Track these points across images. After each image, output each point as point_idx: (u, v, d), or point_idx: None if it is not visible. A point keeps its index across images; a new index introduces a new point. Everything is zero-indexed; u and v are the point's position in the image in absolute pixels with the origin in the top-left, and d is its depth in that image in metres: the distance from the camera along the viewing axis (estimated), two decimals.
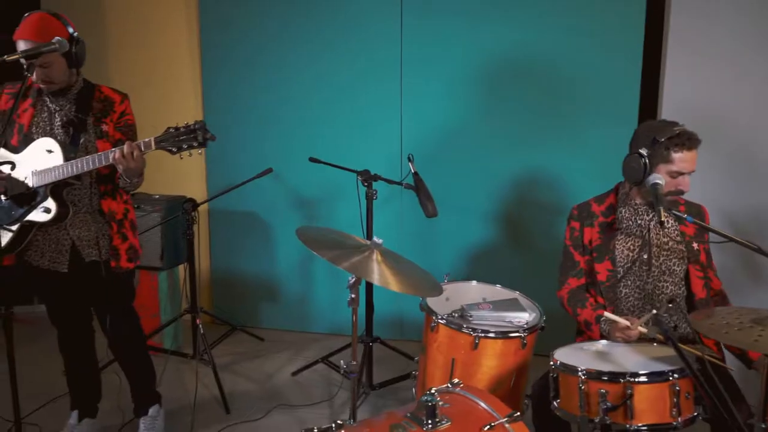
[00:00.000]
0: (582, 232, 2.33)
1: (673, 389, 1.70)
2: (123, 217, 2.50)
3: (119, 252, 2.46)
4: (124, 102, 2.48)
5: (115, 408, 2.87)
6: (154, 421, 2.69)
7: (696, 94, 3.07)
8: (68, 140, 2.35)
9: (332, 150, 3.55)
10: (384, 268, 2.13)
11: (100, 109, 2.42)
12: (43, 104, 2.40)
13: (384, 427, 1.71)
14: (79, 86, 2.43)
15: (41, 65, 2.26)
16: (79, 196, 2.41)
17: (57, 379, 3.10)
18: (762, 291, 2.91)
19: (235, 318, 3.98)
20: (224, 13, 3.80)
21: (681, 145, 2.08)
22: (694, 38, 3.05)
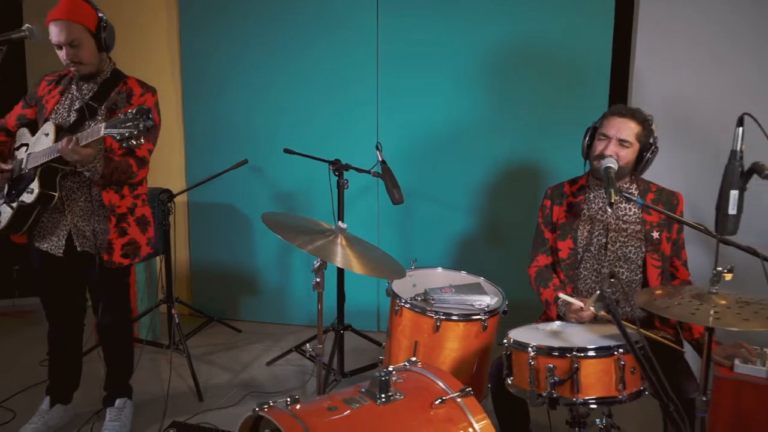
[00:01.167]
0: (552, 210, 2.41)
1: (619, 364, 1.75)
2: (127, 212, 2.49)
3: (113, 246, 2.46)
4: (144, 96, 2.47)
5: (90, 396, 2.90)
6: (120, 412, 2.71)
7: (665, 82, 3.12)
8: (69, 126, 2.38)
9: (310, 143, 3.61)
10: (348, 251, 2.18)
11: (117, 100, 2.43)
12: (69, 91, 2.45)
13: (338, 401, 1.75)
14: (107, 74, 2.47)
15: (71, 44, 2.32)
16: (78, 184, 2.43)
17: (35, 368, 3.14)
18: (730, 284, 2.97)
19: (213, 310, 4.01)
20: (203, 9, 3.85)
21: (614, 112, 2.24)
22: (664, 26, 3.10)
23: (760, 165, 1.57)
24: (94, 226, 2.45)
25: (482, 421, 1.76)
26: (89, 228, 2.45)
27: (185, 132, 4.02)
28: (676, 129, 3.00)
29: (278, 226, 2.22)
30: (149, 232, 2.61)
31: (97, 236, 2.45)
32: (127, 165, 2.39)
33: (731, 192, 1.56)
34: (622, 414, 2.68)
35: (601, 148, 2.23)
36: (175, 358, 3.36)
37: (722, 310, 1.64)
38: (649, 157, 2.24)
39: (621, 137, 2.20)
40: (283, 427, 1.61)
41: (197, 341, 3.72)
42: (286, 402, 1.72)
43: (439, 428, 1.71)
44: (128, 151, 2.40)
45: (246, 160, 3.46)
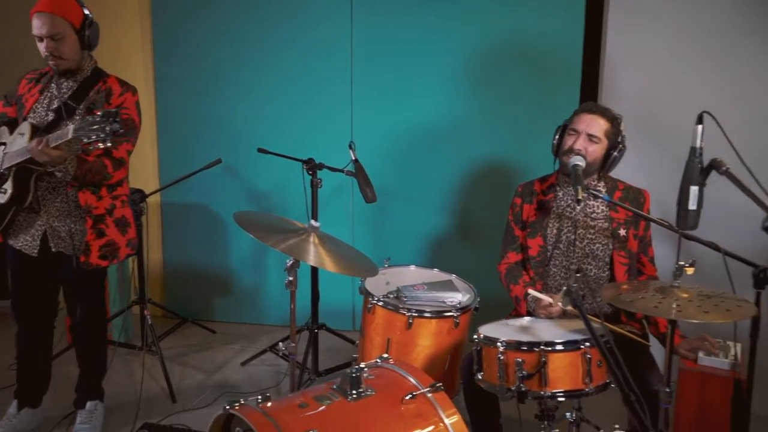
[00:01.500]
0: (522, 208, 2.44)
1: (585, 357, 1.79)
2: (105, 213, 2.46)
3: (90, 247, 2.43)
4: (124, 95, 2.44)
5: (60, 399, 2.86)
6: (91, 415, 2.67)
7: (634, 82, 3.17)
8: (45, 125, 2.35)
9: (285, 143, 3.60)
10: (320, 250, 2.19)
11: (96, 99, 2.40)
12: (49, 89, 2.41)
13: (309, 398, 1.76)
14: (87, 72, 2.44)
15: (52, 37, 2.29)
16: (53, 185, 2.40)
17: (3, 371, 3.08)
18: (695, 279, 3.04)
19: (188, 311, 3.99)
20: (176, 6, 3.82)
21: (584, 109, 2.30)
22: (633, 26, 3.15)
23: (718, 161, 1.61)
24: (70, 226, 2.43)
25: (453, 417, 1.78)
26: (65, 228, 2.43)
27: (158, 131, 3.98)
28: (645, 127, 3.05)
29: (250, 225, 2.22)
30: (129, 233, 2.59)
31: (74, 237, 2.43)
32: (102, 166, 2.37)
33: (691, 188, 1.60)
34: (592, 408, 2.72)
35: (570, 143, 2.27)
36: (148, 360, 3.33)
37: (684, 303, 1.69)
38: (617, 156, 2.29)
39: (590, 132, 2.25)
40: (254, 425, 1.61)
41: (171, 342, 3.69)
42: (257, 400, 1.72)
43: (410, 423, 1.73)
44: (105, 151, 2.37)
45: (219, 160, 3.45)
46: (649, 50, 3.12)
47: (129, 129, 2.44)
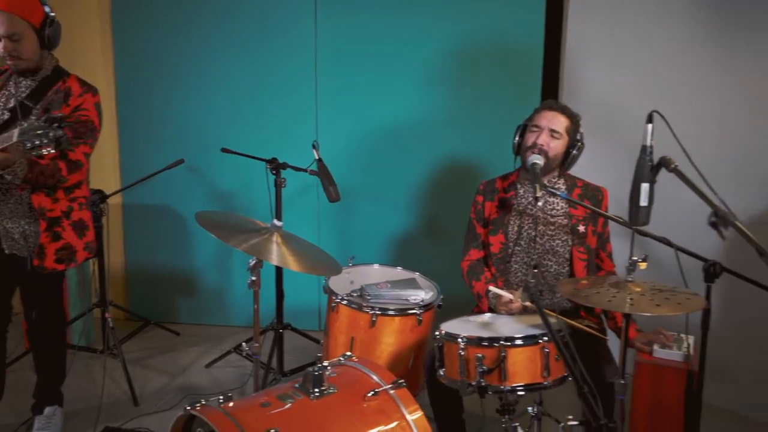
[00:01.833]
0: (484, 206, 2.47)
1: (543, 352, 1.82)
2: (61, 216, 2.41)
3: (45, 251, 2.38)
4: (83, 96, 2.38)
5: (17, 406, 2.79)
6: (49, 420, 2.61)
7: (593, 81, 3.25)
8: (0, 125, 2.28)
9: (248, 142, 3.57)
10: (283, 249, 2.19)
11: (54, 99, 2.34)
12: (7, 87, 2.34)
13: (272, 398, 1.76)
14: (47, 71, 2.37)
15: (10, 37, 2.22)
16: (8, 185, 2.33)
17: None
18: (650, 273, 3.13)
19: (151, 313, 3.93)
20: (136, 6, 3.76)
21: (545, 106, 2.36)
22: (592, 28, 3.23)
23: (667, 159, 1.67)
24: (24, 228, 2.37)
25: (415, 413, 1.80)
26: (18, 230, 2.37)
27: (119, 131, 3.92)
28: (604, 125, 3.12)
29: (213, 225, 2.21)
30: (87, 236, 2.54)
31: (28, 239, 2.37)
32: (55, 169, 2.32)
33: (642, 185, 1.65)
34: (554, 402, 2.78)
35: (533, 139, 2.31)
36: (110, 363, 3.27)
37: (637, 297, 1.74)
38: (575, 154, 2.34)
39: (552, 127, 2.30)
40: (215, 425, 1.61)
41: (133, 345, 3.63)
42: (219, 400, 1.71)
43: (371, 420, 1.74)
44: (61, 153, 2.32)
45: (182, 160, 3.41)
46: (608, 50, 3.19)
47: (87, 131, 2.39)
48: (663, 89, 3.04)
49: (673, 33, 3.02)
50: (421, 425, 1.79)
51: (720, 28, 2.88)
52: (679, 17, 3.00)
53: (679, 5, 3.00)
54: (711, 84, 2.94)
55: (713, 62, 2.93)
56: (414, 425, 1.78)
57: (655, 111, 1.67)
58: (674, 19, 3.01)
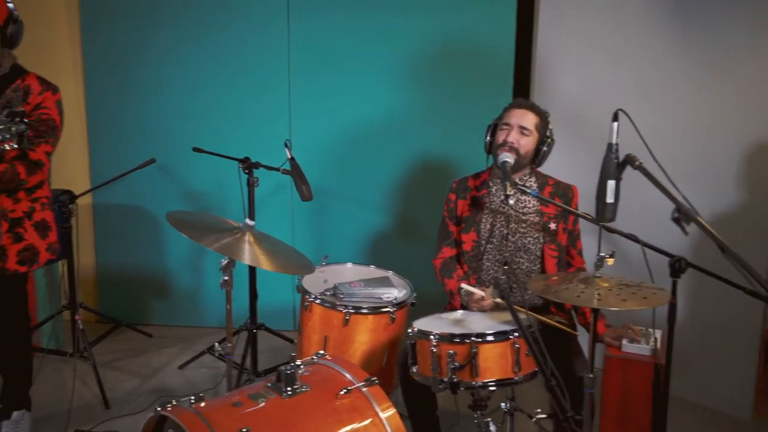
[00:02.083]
0: (456, 204, 2.49)
1: (514, 347, 1.85)
2: (23, 216, 2.36)
3: (7, 252, 2.33)
4: (43, 94, 2.34)
5: None
6: (17, 425, 2.57)
7: (563, 80, 3.29)
8: None
9: (221, 141, 3.54)
10: (256, 248, 2.18)
11: (13, 98, 2.29)
12: None
13: (244, 397, 1.75)
14: (6, 69, 2.31)
15: None
16: None
17: None
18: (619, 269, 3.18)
19: (123, 315, 3.88)
20: (105, 4, 3.71)
21: (514, 104, 2.39)
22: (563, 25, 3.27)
23: (632, 156, 1.70)
24: None
25: (388, 410, 1.81)
26: None
27: (88, 130, 3.86)
28: (575, 124, 3.17)
29: (184, 224, 2.19)
30: (50, 237, 2.49)
31: None
32: (14, 174, 2.27)
33: (609, 182, 1.68)
34: (526, 398, 2.81)
35: (504, 136, 2.34)
36: (80, 366, 3.22)
37: (604, 292, 1.77)
38: (546, 150, 2.37)
39: (522, 125, 2.32)
40: (186, 426, 1.60)
41: (104, 348, 3.58)
42: (190, 401, 1.70)
43: (344, 418, 1.74)
44: (21, 153, 2.27)
45: (153, 159, 3.36)
46: (577, 49, 3.24)
47: (48, 129, 2.35)
48: (632, 86, 3.09)
49: (640, 30, 3.07)
50: (394, 422, 1.79)
51: (685, 25, 2.94)
52: (646, 15, 3.05)
53: (645, 3, 3.05)
54: (671, 84, 3.00)
55: (673, 63, 2.98)
56: (387, 423, 1.78)
57: (620, 109, 1.70)
58: (641, 17, 3.06)
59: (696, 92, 2.95)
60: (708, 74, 2.90)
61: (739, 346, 2.92)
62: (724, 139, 2.90)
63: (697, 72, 2.93)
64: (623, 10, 3.11)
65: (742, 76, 2.81)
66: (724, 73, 2.86)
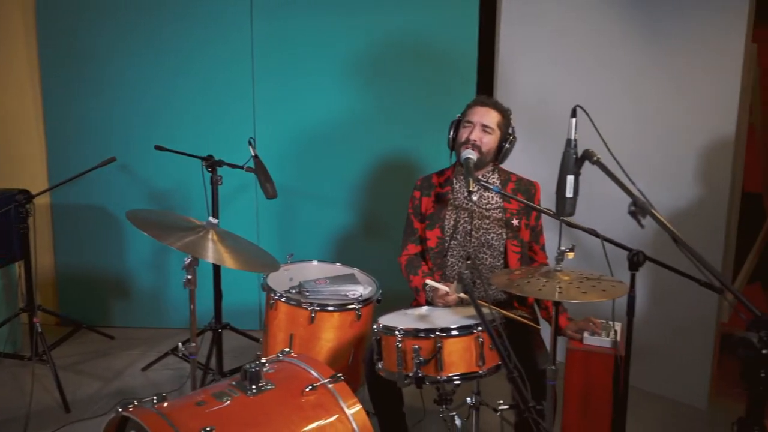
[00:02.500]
0: (421, 201, 2.50)
1: (478, 341, 1.87)
2: None
3: None
4: None
5: None
6: None
7: (526, 78, 3.34)
8: None
9: (184, 139, 3.50)
10: (219, 246, 2.16)
11: None
12: None
13: (207, 396, 1.73)
14: None
15: None
16: None
17: None
18: (582, 263, 3.24)
19: (84, 317, 3.79)
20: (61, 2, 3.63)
21: (477, 102, 2.40)
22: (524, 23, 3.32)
23: (590, 152, 1.74)
24: None
25: (354, 407, 1.81)
26: None
27: (46, 128, 3.77)
28: (537, 121, 3.22)
29: (145, 223, 2.15)
30: None
31: None
32: None
33: (568, 177, 1.71)
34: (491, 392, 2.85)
35: (466, 134, 2.36)
36: (39, 370, 3.14)
37: (565, 285, 1.81)
38: (508, 147, 2.40)
39: (485, 123, 2.35)
40: (148, 426, 1.57)
41: (65, 351, 3.50)
42: (153, 401, 1.68)
43: (310, 415, 1.74)
44: None
45: (113, 158, 3.29)
46: (539, 47, 3.29)
47: None
48: (591, 84, 3.15)
49: (600, 28, 3.12)
50: (360, 419, 1.79)
51: (643, 24, 3.01)
52: (606, 13, 3.10)
53: (604, 1, 3.12)
54: (635, 78, 3.06)
55: (636, 57, 3.05)
56: (353, 419, 1.79)
57: (578, 105, 1.74)
58: (601, 15, 3.11)
59: (653, 90, 3.02)
60: (665, 72, 2.97)
61: (695, 338, 3.01)
62: (681, 135, 2.97)
63: (654, 70, 3.01)
64: (583, 8, 3.16)
65: (699, 74, 2.89)
66: (680, 71, 2.93)
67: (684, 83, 2.94)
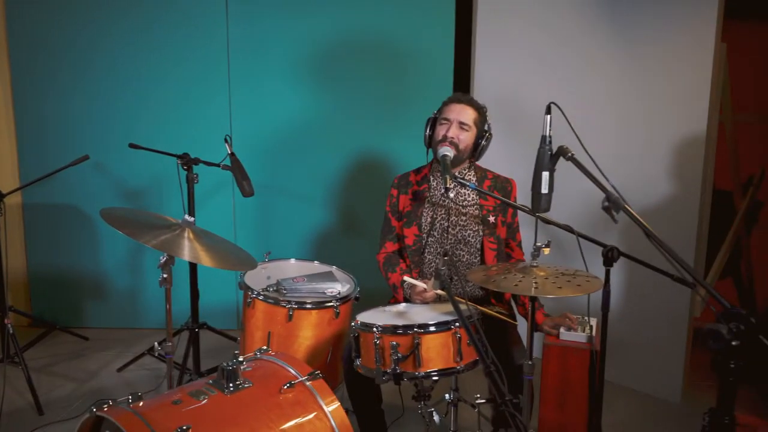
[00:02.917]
0: (398, 199, 2.50)
1: (455, 337, 1.88)
2: None
3: None
4: None
5: None
6: None
7: (503, 77, 3.36)
8: None
9: (159, 138, 3.46)
10: (196, 245, 2.14)
11: None
12: None
13: (184, 395, 1.72)
14: None
15: None
16: None
17: None
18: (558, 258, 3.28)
19: (57, 318, 3.73)
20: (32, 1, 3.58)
21: (453, 99, 2.41)
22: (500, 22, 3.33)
23: (564, 148, 1.76)
24: None
25: (332, 404, 1.81)
26: None
27: (16, 126, 3.69)
28: (513, 119, 3.24)
29: (119, 221, 2.13)
30: None
31: None
32: None
33: (543, 173, 1.73)
34: (469, 388, 2.87)
35: (443, 131, 2.36)
36: (11, 372, 3.08)
37: (541, 280, 1.82)
38: (484, 144, 2.41)
39: (461, 120, 2.35)
40: (123, 426, 1.55)
41: (37, 352, 3.43)
42: (128, 400, 1.66)
43: (288, 412, 1.74)
44: None
45: (86, 156, 3.24)
46: (516, 43, 3.31)
47: None
48: (567, 81, 3.18)
49: (574, 26, 3.15)
50: (338, 416, 1.80)
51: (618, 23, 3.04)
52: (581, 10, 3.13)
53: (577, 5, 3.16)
54: (610, 76, 3.10)
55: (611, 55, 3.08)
56: (331, 416, 1.79)
57: (552, 102, 1.76)
58: (576, 12, 3.14)
59: (626, 88, 3.06)
60: (640, 69, 3.01)
61: (668, 333, 3.06)
62: (653, 133, 3.01)
63: (627, 69, 3.04)
64: (559, 4, 3.19)
65: (671, 73, 2.94)
66: (655, 69, 2.97)
67: (656, 82, 2.98)
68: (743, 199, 3.79)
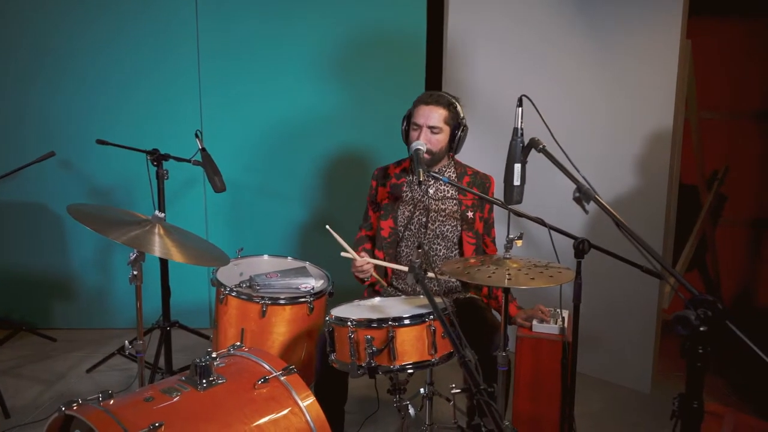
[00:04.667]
0: (377, 191, 2.51)
1: (430, 330, 1.88)
2: None
3: None
4: None
5: None
6: None
7: (475, 71, 3.38)
8: None
9: (127, 133, 3.39)
10: (167, 241, 2.11)
11: None
12: None
13: (156, 392, 1.69)
14: None
15: None
16: None
17: None
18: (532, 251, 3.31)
19: (23, 319, 3.65)
20: None
21: (421, 101, 2.38)
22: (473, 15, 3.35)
23: (536, 140, 1.78)
24: None
25: (307, 399, 1.80)
26: None
27: None
28: (489, 113, 3.26)
29: (87, 217, 2.08)
30: None
31: None
32: None
33: (515, 165, 1.75)
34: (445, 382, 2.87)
35: (415, 137, 2.35)
36: None
37: (514, 272, 1.84)
38: (461, 136, 2.39)
39: (430, 124, 2.34)
40: (93, 424, 1.52)
41: (2, 354, 3.36)
42: (98, 398, 1.63)
43: (262, 408, 1.72)
44: None
45: (53, 153, 3.17)
46: (487, 37, 3.33)
47: None
48: (538, 73, 3.21)
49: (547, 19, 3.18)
50: (313, 411, 1.79)
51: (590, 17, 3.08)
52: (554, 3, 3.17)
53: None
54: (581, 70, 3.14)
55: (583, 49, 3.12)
56: (306, 411, 1.78)
57: (524, 95, 1.77)
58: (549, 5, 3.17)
59: (596, 83, 3.11)
60: (606, 66, 3.06)
61: (638, 324, 3.12)
62: (622, 127, 3.06)
63: (596, 64, 3.09)
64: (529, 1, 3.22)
65: (638, 69, 2.99)
66: (622, 65, 3.02)
67: (623, 78, 3.03)
68: (708, 194, 3.88)
